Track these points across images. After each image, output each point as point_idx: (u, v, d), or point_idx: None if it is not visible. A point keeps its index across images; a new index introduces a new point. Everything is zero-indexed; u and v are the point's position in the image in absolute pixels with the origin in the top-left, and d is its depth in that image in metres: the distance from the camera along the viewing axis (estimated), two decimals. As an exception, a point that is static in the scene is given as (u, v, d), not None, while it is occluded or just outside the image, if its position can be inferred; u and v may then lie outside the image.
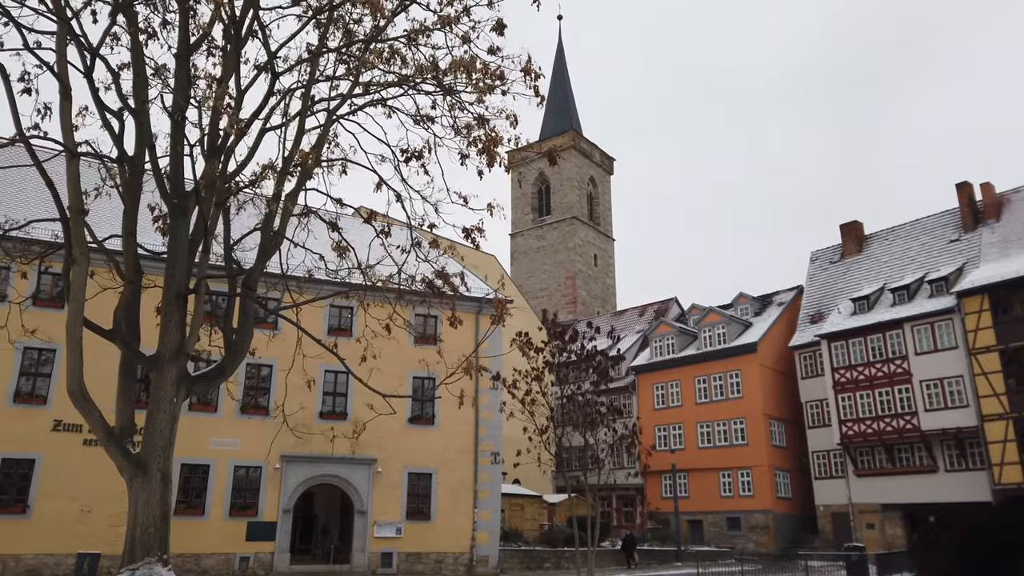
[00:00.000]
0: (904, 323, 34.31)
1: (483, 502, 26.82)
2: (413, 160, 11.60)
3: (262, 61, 11.29)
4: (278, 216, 11.37)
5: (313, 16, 11.24)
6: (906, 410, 33.56)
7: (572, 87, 78.93)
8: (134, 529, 9.15)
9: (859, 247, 42.77)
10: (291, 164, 10.89)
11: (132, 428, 9.87)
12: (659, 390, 43.56)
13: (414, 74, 11.53)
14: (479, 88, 11.36)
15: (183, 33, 10.90)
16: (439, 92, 11.58)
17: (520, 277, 71.41)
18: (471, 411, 27.24)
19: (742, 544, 36.94)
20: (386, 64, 11.61)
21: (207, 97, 11.04)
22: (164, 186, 10.32)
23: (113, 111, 10.11)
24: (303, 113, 11.52)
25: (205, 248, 10.33)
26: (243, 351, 10.62)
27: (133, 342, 10.05)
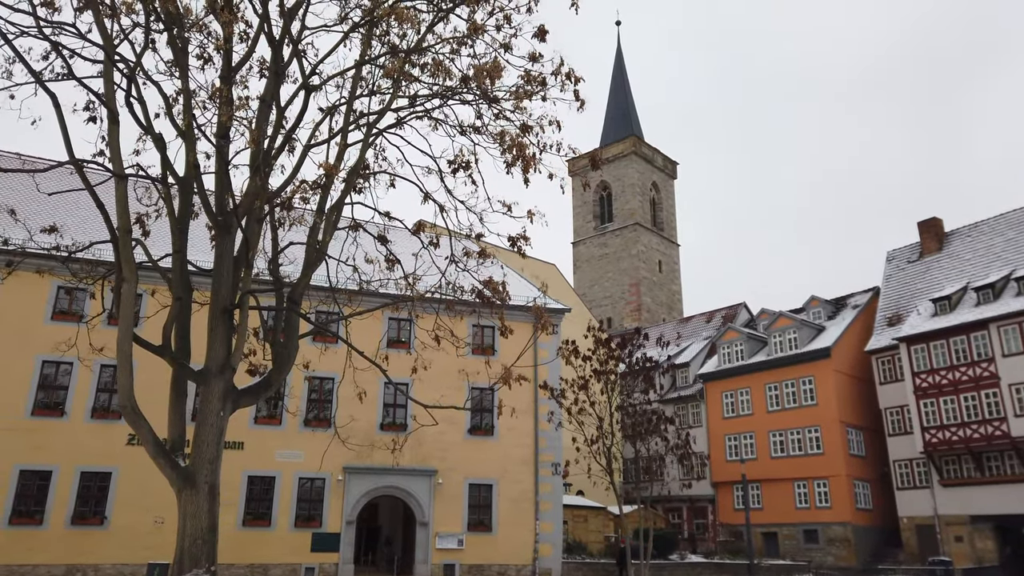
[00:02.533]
0: (989, 323, 32.33)
1: (545, 514, 26.52)
2: (460, 171, 11.58)
3: (309, 78, 11.49)
4: (321, 230, 11.49)
5: (351, 31, 11.35)
6: (994, 415, 31.55)
7: (632, 92, 78.19)
8: (183, 541, 9.32)
9: (939, 245, 40.66)
10: (332, 178, 10.99)
11: (182, 441, 10.08)
12: (728, 398, 42.33)
13: (458, 85, 11.49)
14: (517, 95, 11.24)
15: (226, 56, 11.18)
16: (482, 101, 11.51)
17: (583, 286, 70.89)
18: (530, 421, 27.11)
19: (820, 558, 35.41)
20: (431, 76, 11.63)
21: (249, 118, 11.27)
22: (209, 204, 10.57)
23: (154, 133, 10.42)
24: (345, 128, 11.64)
25: (248, 264, 10.51)
26: (288, 364, 10.75)
27: (183, 357, 10.28)
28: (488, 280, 11.96)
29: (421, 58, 11.56)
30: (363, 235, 12.06)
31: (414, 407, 24.95)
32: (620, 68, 78.30)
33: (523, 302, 17.57)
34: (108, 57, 9.90)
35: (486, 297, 12.01)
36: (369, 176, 12.08)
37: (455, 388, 22.64)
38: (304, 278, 11.28)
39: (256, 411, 24.55)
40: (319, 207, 11.29)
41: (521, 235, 11.56)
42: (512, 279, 29.78)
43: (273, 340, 11.06)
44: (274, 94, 11.15)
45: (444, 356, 13.79)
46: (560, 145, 11.76)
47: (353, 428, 22.18)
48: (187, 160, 10.94)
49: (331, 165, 9.85)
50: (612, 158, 71.65)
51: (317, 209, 11.31)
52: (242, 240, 10.87)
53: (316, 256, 11.36)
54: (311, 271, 11.38)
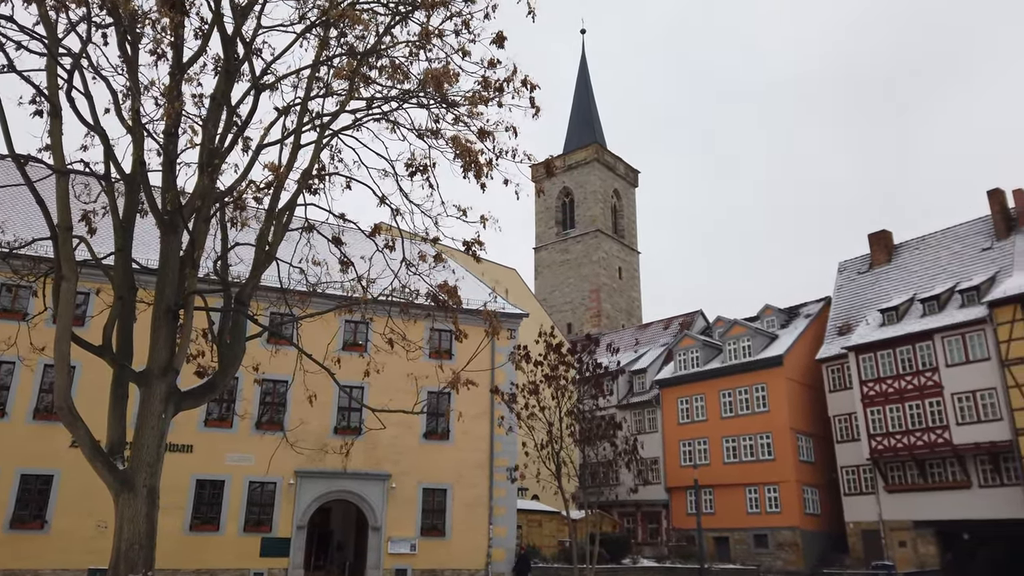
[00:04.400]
0: (934, 334, 33.36)
1: (499, 518, 26.55)
2: (418, 174, 11.57)
3: (261, 78, 11.37)
4: (272, 230, 11.37)
5: (306, 31, 11.27)
6: (938, 424, 32.54)
7: (596, 100, 78.88)
8: (119, 545, 9.13)
9: (888, 257, 41.83)
10: (283, 179, 10.89)
11: (122, 444, 9.87)
12: (683, 404, 42.91)
13: (416, 88, 11.48)
14: (473, 100, 11.27)
15: (177, 52, 11.01)
16: (440, 105, 11.52)
17: (544, 291, 71.21)
18: (486, 426, 27.12)
19: (769, 562, 36.07)
20: (388, 79, 11.59)
21: (200, 115, 11.12)
22: (155, 202, 10.39)
23: (98, 128, 10.23)
24: (298, 128, 11.55)
25: (194, 263, 10.34)
26: (234, 367, 10.60)
27: (124, 358, 10.07)
28: (443, 284, 11.98)
29: (379, 60, 11.54)
30: (317, 237, 11.99)
31: (369, 411, 24.84)
32: (584, 76, 78.96)
33: (480, 306, 17.60)
34: (50, 51, 9.68)
35: (441, 301, 12.02)
36: (324, 177, 12.01)
37: (411, 392, 22.59)
38: (253, 279, 11.14)
39: (206, 413, 24.13)
40: (269, 207, 11.18)
41: (476, 239, 11.58)
42: (471, 283, 29.85)
43: (219, 342, 10.90)
44: (225, 92, 11.02)
45: (400, 360, 13.74)
46: (516, 151, 11.85)
47: (305, 431, 21.99)
48: (134, 156, 10.74)
49: (277, 166, 9.75)
50: (575, 165, 72.16)
51: (268, 209, 11.19)
52: (189, 239, 10.70)
53: (266, 257, 11.24)
54: (260, 272, 11.24)
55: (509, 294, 43.94)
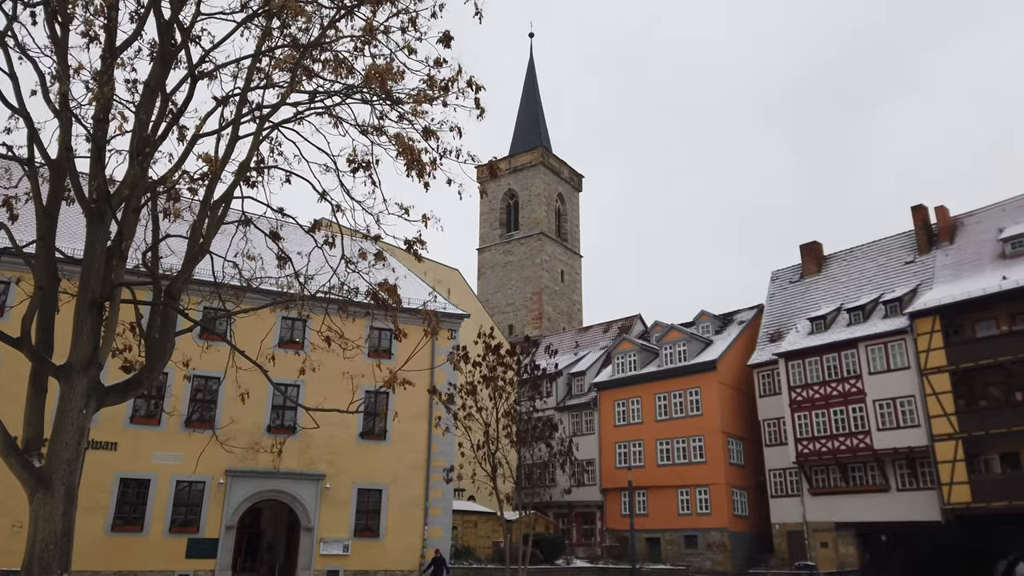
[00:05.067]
0: (859, 343, 34.76)
1: (434, 519, 26.45)
2: (360, 171, 11.43)
3: (199, 66, 11.06)
4: (206, 223, 11.07)
5: (247, 20, 11.03)
6: (860, 429, 33.91)
7: (543, 104, 79.41)
8: (33, 546, 8.75)
9: (819, 267, 43.37)
10: (219, 171, 10.62)
11: (39, 440, 9.46)
12: (620, 407, 43.56)
13: (360, 83, 11.35)
14: (418, 99, 11.21)
15: (110, 34, 10.63)
16: (384, 102, 11.42)
17: (487, 292, 71.28)
18: (424, 426, 26.99)
19: (698, 563, 36.93)
20: (332, 73, 11.43)
21: (133, 101, 10.77)
22: (81, 190, 10.00)
23: (22, 110, 9.79)
24: (237, 119, 11.28)
25: (122, 254, 9.99)
26: (162, 362, 10.27)
27: (44, 351, 9.65)
28: (383, 282, 11.87)
29: (322, 54, 11.37)
30: (254, 231, 11.72)
31: (304, 410, 24.39)
32: (531, 79, 79.40)
33: (420, 305, 17.49)
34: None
35: (380, 299, 11.91)
36: (263, 170, 11.76)
37: (348, 391, 22.27)
38: (185, 272, 10.82)
39: (132, 410, 23.32)
40: (204, 199, 10.89)
41: (417, 239, 11.52)
42: (413, 283, 29.65)
43: (147, 336, 10.57)
44: (160, 79, 10.69)
45: (338, 358, 13.56)
46: (460, 151, 11.84)
47: (237, 430, 21.45)
48: (61, 141, 10.32)
49: (214, 157, 9.52)
50: (520, 167, 72.49)
51: (202, 201, 10.90)
52: (117, 229, 10.34)
53: (199, 250, 10.95)
54: (193, 265, 10.93)
55: (451, 294, 43.86)
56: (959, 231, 37.45)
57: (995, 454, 30.66)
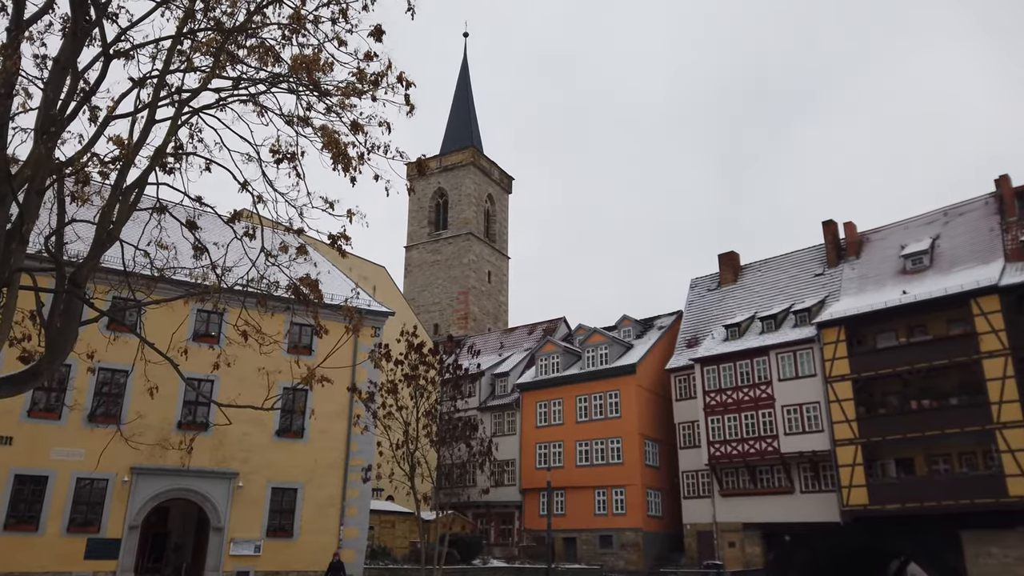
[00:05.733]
0: (770, 350, 36.22)
1: (351, 519, 26.06)
2: (285, 162, 11.17)
3: (114, 44, 10.59)
4: (117, 209, 10.61)
5: (165, 2, 10.63)
6: (768, 433, 35.34)
7: (475, 104, 79.44)
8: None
9: (735, 277, 44.94)
10: (132, 155, 10.20)
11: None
12: (542, 408, 44.00)
13: (287, 73, 11.09)
14: (346, 92, 11.05)
15: (17, 6, 10.07)
16: (311, 93, 11.20)
17: (413, 291, 70.76)
18: (344, 425, 26.58)
19: (612, 562, 37.68)
20: (259, 60, 11.13)
21: (41, 77, 10.23)
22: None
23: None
24: (154, 102, 10.86)
25: (22, 238, 9.47)
26: (62, 353, 9.77)
27: (-68, 339, 9.05)
28: (304, 277, 11.64)
29: (248, 40, 11.07)
30: (169, 220, 11.30)
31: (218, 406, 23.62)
32: (464, 79, 79.34)
33: (343, 302, 17.22)
34: None
35: (301, 294, 11.68)
36: (180, 157, 11.36)
37: (265, 387, 21.71)
38: (91, 259, 10.34)
39: (31, 403, 22.08)
40: (116, 183, 10.44)
41: (342, 234, 11.34)
42: (337, 278, 29.16)
43: (48, 325, 10.04)
44: (71, 56, 10.18)
45: (255, 354, 13.20)
46: (389, 147, 11.73)
47: (145, 425, 20.66)
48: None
49: (127, 140, 9.14)
50: (451, 167, 72.31)
51: (113, 185, 10.45)
52: (18, 211, 9.79)
53: (108, 237, 10.48)
54: (100, 252, 10.45)
55: (377, 292, 43.31)
56: (865, 246, 39.52)
57: (891, 459, 32.49)
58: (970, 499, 29.07)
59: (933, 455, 31.35)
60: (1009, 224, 33.71)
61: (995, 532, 28.81)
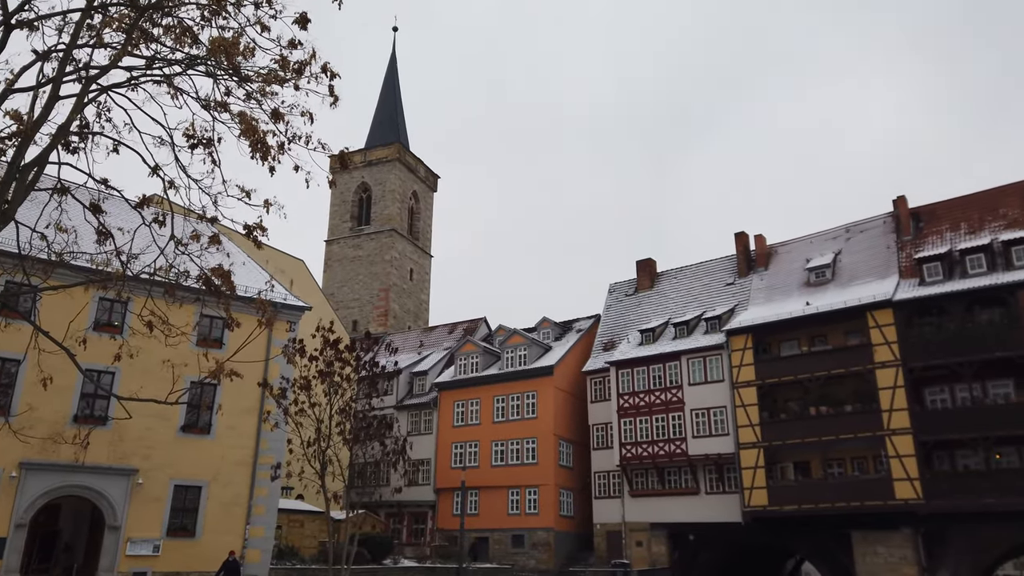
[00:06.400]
0: (682, 355, 37.39)
1: (257, 518, 25.34)
2: (200, 148, 10.77)
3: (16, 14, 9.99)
4: (12, 188, 10.00)
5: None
6: (677, 436, 36.46)
7: (403, 100, 78.66)
8: None
9: (652, 283, 46.15)
10: (32, 131, 9.65)
11: None
12: (460, 407, 43.97)
13: (205, 55, 10.70)
14: (267, 79, 10.76)
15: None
16: (231, 78, 10.85)
17: (332, 286, 69.41)
18: (254, 421, 25.84)
19: (523, 561, 38.03)
20: (175, 41, 10.70)
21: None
22: None
23: None
24: (59, 77, 10.30)
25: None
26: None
27: None
28: (217, 267, 11.27)
29: (164, 18, 10.64)
30: (72, 202, 10.74)
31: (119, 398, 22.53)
32: (392, 75, 78.46)
33: (256, 294, 16.74)
34: None
35: (213, 285, 11.30)
36: (86, 136, 10.80)
37: (171, 380, 20.84)
38: (-20, 241, 9.74)
39: (-94, 392, 20.50)
40: (12, 161, 9.84)
41: (258, 224, 11.04)
42: (252, 270, 28.30)
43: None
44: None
45: (161, 345, 12.68)
46: (311, 138, 11.49)
47: (36, 418, 19.56)
48: None
49: (25, 115, 8.65)
50: (376, 162, 71.32)
51: (9, 163, 9.85)
52: None
53: (1, 217, 9.87)
54: (-9, 234, 9.86)
55: (294, 285, 42.24)
56: (773, 258, 41.33)
57: (790, 462, 34.08)
58: (860, 501, 30.82)
59: (829, 459, 33.06)
60: (904, 243, 35.94)
61: (882, 532, 30.65)
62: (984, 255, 31.51)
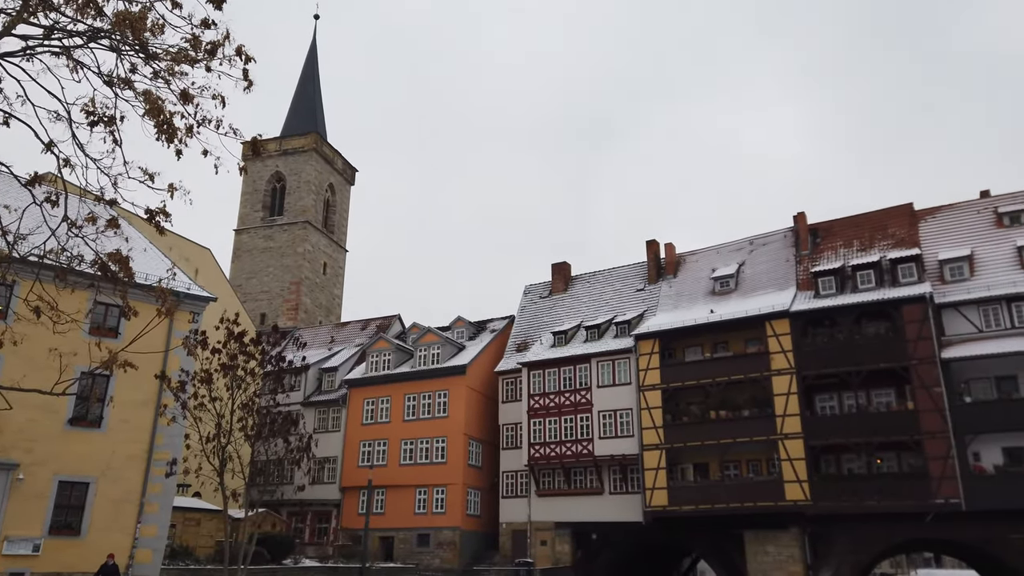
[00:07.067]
0: (592, 358, 38.17)
1: (150, 516, 24.20)
2: (101, 125, 10.22)
3: None
4: None
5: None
6: (585, 436, 37.20)
7: (322, 91, 76.90)
8: None
9: (566, 286, 46.90)
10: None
11: None
12: (369, 405, 43.41)
13: (109, 28, 10.17)
14: (177, 58, 10.34)
15: None
16: (136, 54, 10.35)
17: (240, 277, 67.09)
18: (150, 415, 24.68)
19: (428, 560, 37.89)
20: (78, 11, 10.12)
21: None
22: None
23: None
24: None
25: None
26: None
27: None
28: (114, 252, 10.75)
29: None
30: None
31: None
32: (312, 63, 76.61)
33: (156, 282, 16.02)
34: None
35: (108, 271, 10.76)
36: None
37: (58, 370, 19.61)
38: None
39: None
40: None
41: (161, 209, 10.59)
42: (153, 257, 27.04)
43: None
44: None
45: (50, 333, 11.94)
46: (221, 122, 11.10)
47: (-97, 407, 18.02)
48: None
49: None
50: (291, 151, 69.43)
51: None
52: None
53: None
54: None
55: (199, 275, 40.50)
56: (682, 267, 42.78)
57: (690, 464, 35.34)
58: (753, 502, 32.28)
59: (726, 461, 34.47)
60: (802, 257, 37.91)
61: (772, 532, 32.21)
62: (873, 271, 33.61)
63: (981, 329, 30.28)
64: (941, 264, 32.76)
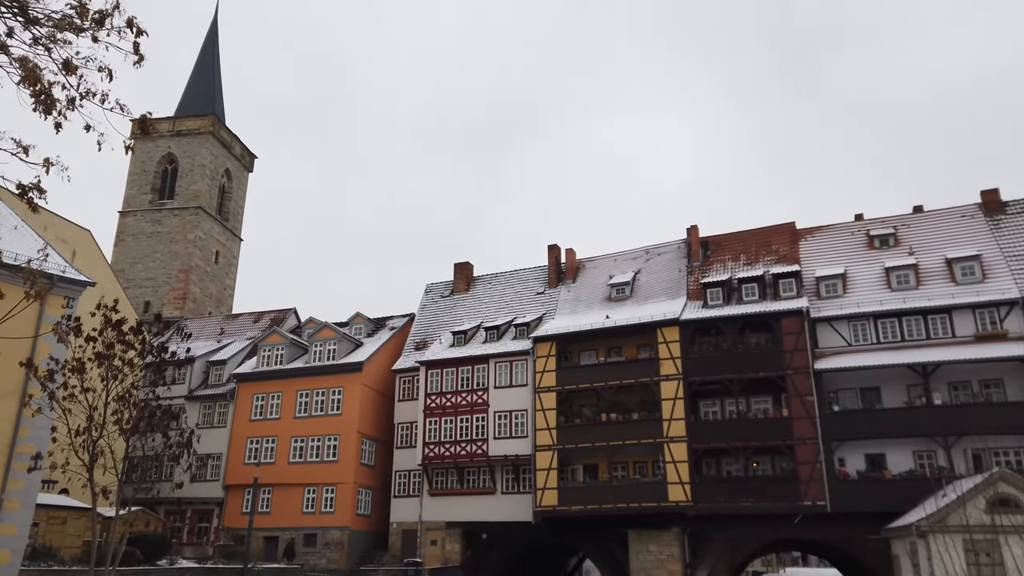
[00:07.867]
0: (490, 359, 38.44)
1: (10, 514, 22.42)
2: (-33, 91, 9.43)
3: None
4: None
5: None
6: (480, 436, 37.41)
7: (222, 73, 73.76)
8: None
9: (467, 286, 47.01)
10: None
11: None
12: (259, 401, 41.99)
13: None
14: (59, 25, 9.70)
15: None
16: (14, 17, 9.63)
17: (124, 262, 63.38)
18: (13, 405, 22.91)
19: (315, 561, 37.02)
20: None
21: None
22: None
23: None
24: None
25: None
26: None
27: None
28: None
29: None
30: None
31: None
32: (213, 42, 73.38)
33: (24, 263, 14.90)
34: None
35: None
36: None
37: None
38: None
39: None
40: None
41: (35, 185, 9.90)
42: (25, 236, 25.15)
43: None
44: None
45: None
46: (107, 96, 10.50)
47: None
48: None
49: None
50: (186, 132, 66.24)
51: None
52: None
53: None
54: None
55: (76, 258, 38.00)
56: (581, 272, 43.77)
57: (580, 465, 36.17)
58: (638, 502, 33.40)
59: (615, 462, 35.50)
60: (693, 268, 39.60)
61: (655, 532, 33.44)
62: (757, 285, 35.52)
63: (850, 343, 32.57)
64: (818, 280, 35.00)
